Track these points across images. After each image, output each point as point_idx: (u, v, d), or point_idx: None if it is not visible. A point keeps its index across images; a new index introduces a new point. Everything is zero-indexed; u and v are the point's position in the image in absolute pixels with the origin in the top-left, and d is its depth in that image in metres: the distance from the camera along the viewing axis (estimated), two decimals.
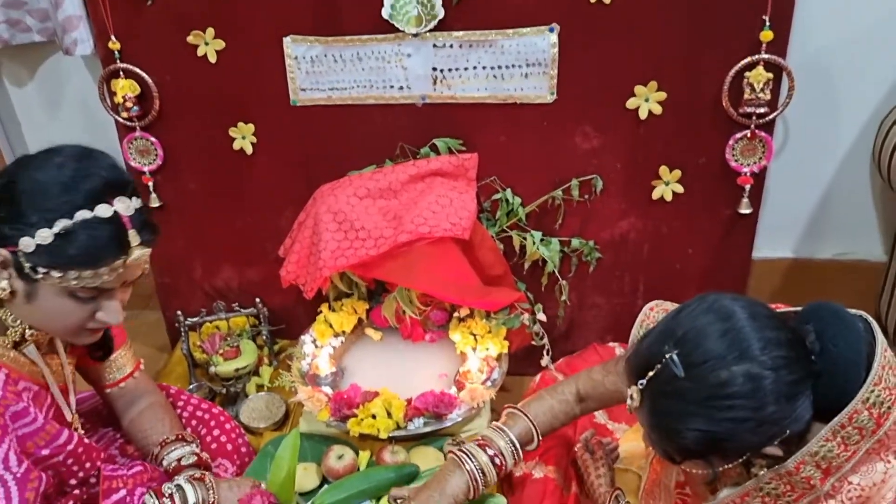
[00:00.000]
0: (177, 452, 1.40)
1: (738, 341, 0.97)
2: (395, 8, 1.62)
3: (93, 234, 1.11)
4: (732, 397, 0.96)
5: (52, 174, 1.12)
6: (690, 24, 1.58)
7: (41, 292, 1.14)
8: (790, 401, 0.97)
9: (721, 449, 1.00)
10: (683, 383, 0.98)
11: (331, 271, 1.71)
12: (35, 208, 1.10)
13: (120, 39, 1.71)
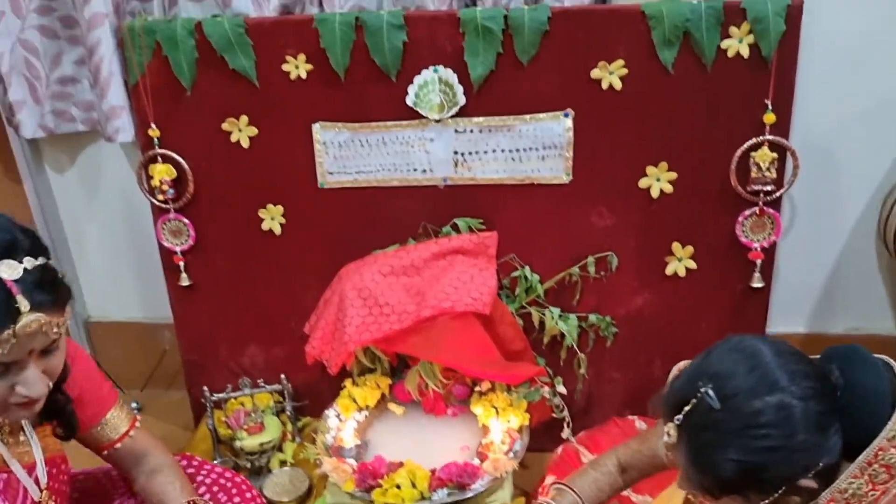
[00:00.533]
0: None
1: (767, 375, 1.02)
2: (419, 96, 1.73)
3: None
4: (766, 426, 1.00)
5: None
6: (697, 108, 1.68)
7: None
8: (821, 431, 1.01)
9: (758, 480, 1.03)
10: (719, 415, 1.03)
11: (356, 346, 1.76)
12: None
13: (159, 127, 1.82)
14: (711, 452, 1.04)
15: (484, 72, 1.69)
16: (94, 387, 1.42)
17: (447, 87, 1.72)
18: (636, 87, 1.68)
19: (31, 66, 1.88)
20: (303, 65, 1.74)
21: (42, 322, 1.07)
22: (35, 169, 2.08)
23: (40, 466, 1.30)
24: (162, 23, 1.75)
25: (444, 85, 1.72)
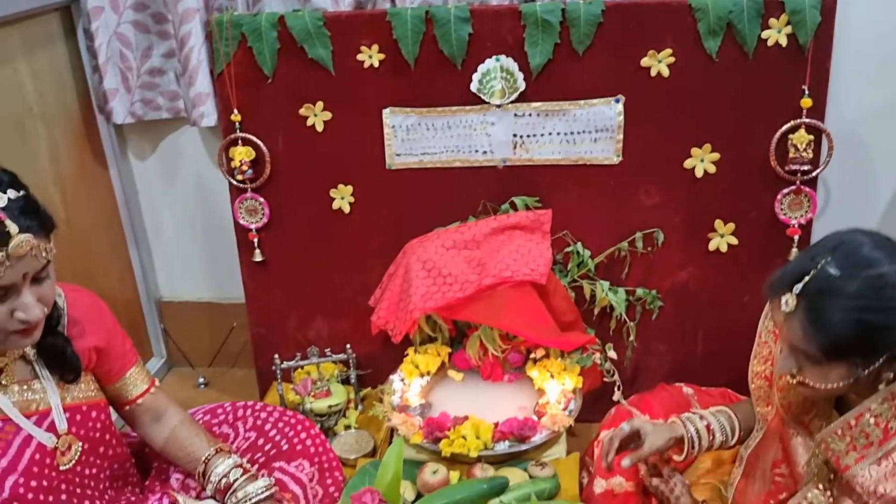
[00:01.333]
0: (221, 467, 1.54)
1: (891, 249, 1.17)
2: (482, 83, 1.89)
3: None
4: (885, 287, 1.13)
5: None
6: (739, 93, 1.82)
7: None
8: None
9: (870, 342, 1.16)
10: (839, 282, 1.15)
11: (420, 313, 1.90)
12: None
13: (241, 112, 1.99)
14: (832, 313, 1.16)
15: (542, 60, 1.85)
16: (118, 342, 1.55)
17: (508, 75, 1.88)
18: (682, 75, 1.83)
19: (124, 58, 2.06)
20: (376, 54, 1.91)
21: (31, 244, 1.19)
22: (120, 155, 2.25)
23: (57, 412, 1.40)
24: (247, 17, 1.92)
25: (505, 73, 1.88)
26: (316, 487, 1.68)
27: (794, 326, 1.21)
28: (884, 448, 1.19)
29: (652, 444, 1.51)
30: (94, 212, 2.20)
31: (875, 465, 1.19)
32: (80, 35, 2.06)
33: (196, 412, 1.79)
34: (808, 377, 1.24)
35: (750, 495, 1.47)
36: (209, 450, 1.58)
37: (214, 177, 2.20)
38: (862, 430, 1.21)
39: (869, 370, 1.19)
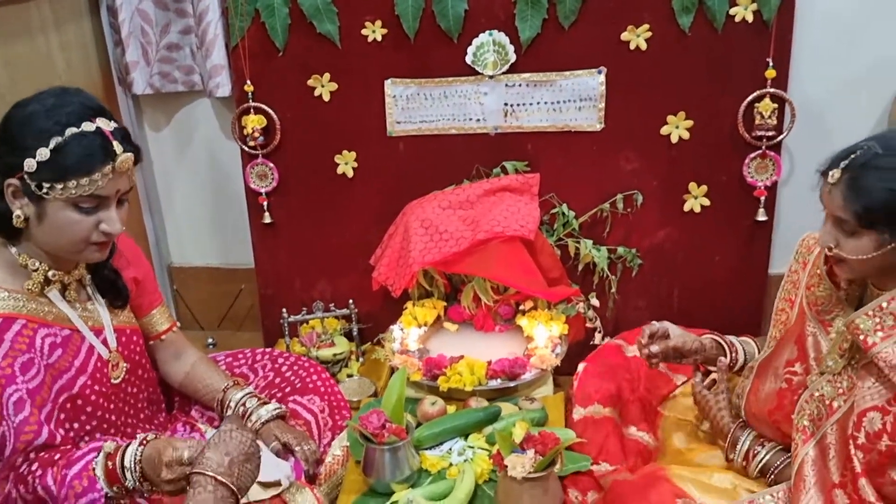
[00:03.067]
0: (238, 395, 1.70)
1: None
2: (477, 55, 2.06)
3: (82, 145, 1.31)
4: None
5: (37, 106, 1.33)
6: (710, 65, 2.00)
7: (49, 209, 1.34)
8: None
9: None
10: (880, 158, 1.29)
11: (419, 266, 2.06)
12: (28, 135, 1.31)
13: (254, 83, 2.15)
14: (867, 183, 1.30)
15: (531, 35, 2.03)
16: (150, 280, 1.73)
17: (500, 48, 2.05)
18: (659, 48, 2.01)
19: (144, 33, 2.23)
20: (379, 29, 2.08)
21: (130, 164, 1.37)
22: (137, 126, 2.41)
23: (108, 330, 1.56)
24: None
25: (497, 46, 2.05)
26: (326, 418, 1.83)
27: (836, 196, 1.34)
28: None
29: (680, 337, 1.69)
30: None
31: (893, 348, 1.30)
32: (103, 11, 2.23)
33: (217, 356, 1.94)
34: (844, 248, 1.37)
35: (762, 393, 1.59)
36: (227, 382, 1.73)
37: (224, 147, 2.36)
38: (891, 313, 1.32)
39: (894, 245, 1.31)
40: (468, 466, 1.65)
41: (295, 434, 1.66)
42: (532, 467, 1.49)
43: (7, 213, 1.35)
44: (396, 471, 1.62)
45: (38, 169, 1.30)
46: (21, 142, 1.31)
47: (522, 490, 1.51)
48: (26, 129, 1.32)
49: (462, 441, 1.77)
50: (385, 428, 1.62)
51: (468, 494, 1.59)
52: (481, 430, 1.79)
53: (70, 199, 1.33)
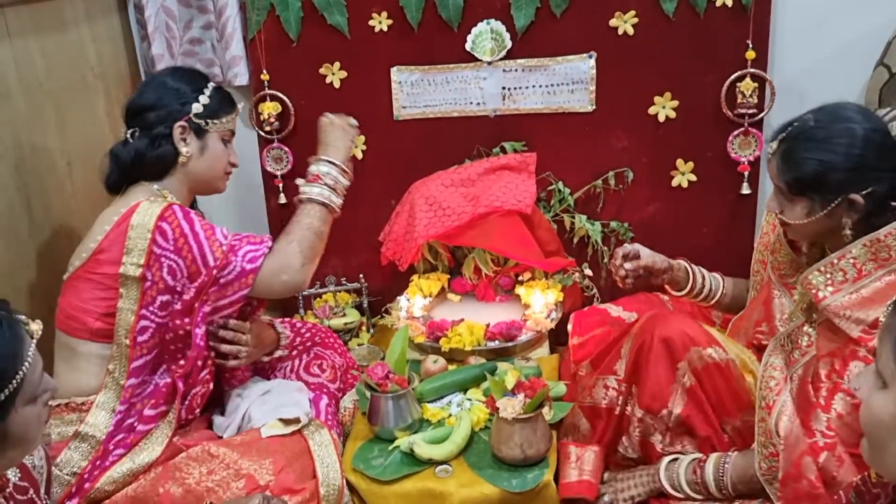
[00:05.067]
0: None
1: (872, 116, 1.47)
2: (476, 43, 2.22)
3: (221, 93, 1.82)
4: (850, 134, 1.43)
5: (178, 71, 1.85)
6: (693, 48, 2.14)
7: (209, 143, 1.78)
8: (884, 161, 1.42)
9: (823, 181, 1.44)
10: (812, 129, 1.47)
11: (424, 240, 2.21)
12: (186, 88, 1.76)
13: (269, 72, 2.32)
14: (799, 152, 1.47)
15: (526, 22, 2.17)
16: None
17: (497, 36, 2.20)
18: (645, 32, 2.15)
19: (169, 29, 2.40)
20: (384, 20, 2.24)
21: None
22: None
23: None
24: None
25: (494, 34, 2.20)
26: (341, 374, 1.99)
27: (773, 165, 1.52)
28: (856, 285, 1.43)
29: (650, 257, 1.86)
30: None
31: (847, 295, 1.43)
32: (131, 8, 2.41)
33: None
34: (786, 214, 1.53)
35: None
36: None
37: (242, 133, 2.50)
38: (840, 269, 1.45)
39: (827, 210, 1.46)
40: (465, 414, 1.79)
41: None
42: (521, 409, 1.64)
43: (170, 154, 1.74)
44: (399, 419, 1.77)
45: (203, 110, 1.75)
46: (183, 93, 1.75)
47: (513, 430, 1.65)
48: (182, 84, 1.76)
49: (461, 395, 1.92)
50: (388, 378, 1.77)
51: (465, 438, 1.74)
52: (479, 385, 1.93)
53: (221, 132, 1.80)
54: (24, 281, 1.90)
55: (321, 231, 1.77)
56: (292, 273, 1.69)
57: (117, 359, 1.64)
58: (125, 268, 1.62)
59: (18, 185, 1.90)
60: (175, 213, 1.64)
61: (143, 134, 1.75)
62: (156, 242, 1.61)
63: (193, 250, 1.63)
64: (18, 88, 1.91)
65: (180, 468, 1.60)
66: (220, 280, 1.63)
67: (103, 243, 1.64)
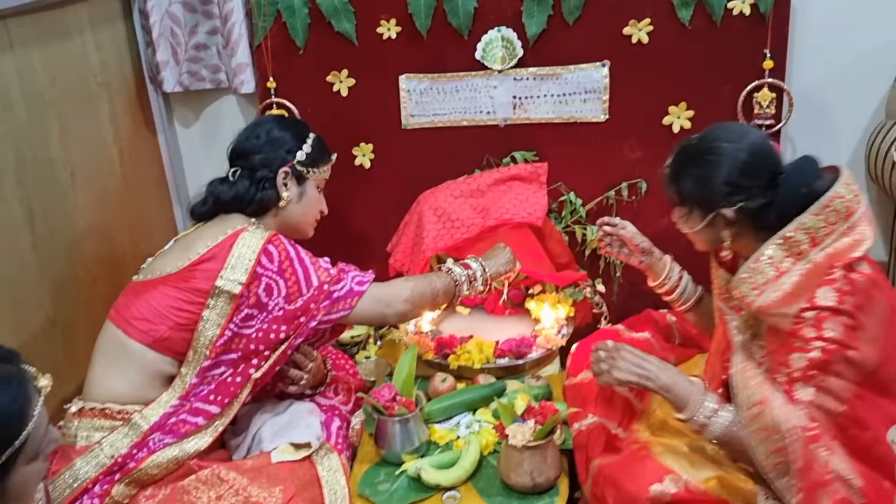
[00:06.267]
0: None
1: (745, 133, 1.56)
2: (486, 51, 2.17)
3: (321, 143, 1.88)
4: (719, 153, 1.53)
5: (284, 120, 1.93)
6: (710, 57, 2.09)
7: (308, 189, 1.85)
8: (749, 179, 1.50)
9: (697, 196, 1.56)
10: (692, 147, 1.59)
11: (432, 252, 2.16)
12: (298, 137, 1.83)
13: (276, 80, 2.28)
14: (678, 167, 1.61)
15: (537, 30, 2.12)
16: None
17: (508, 44, 2.15)
18: (660, 41, 2.10)
19: (174, 34, 2.36)
20: (393, 27, 2.19)
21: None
22: (167, 122, 2.55)
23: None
24: None
25: (505, 42, 2.15)
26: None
27: (664, 179, 1.65)
28: (778, 283, 1.48)
29: (637, 234, 1.93)
30: (144, 171, 2.49)
31: (773, 293, 1.48)
32: (136, 14, 2.36)
33: None
34: (679, 225, 1.67)
35: (713, 380, 1.73)
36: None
37: None
38: (760, 271, 1.50)
39: (706, 222, 1.57)
40: (474, 437, 1.75)
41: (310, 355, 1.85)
42: (532, 436, 1.60)
43: (271, 197, 1.79)
44: (406, 442, 1.74)
45: (306, 158, 1.82)
46: (288, 141, 1.82)
47: (523, 458, 1.61)
48: (288, 133, 1.83)
49: (470, 415, 1.88)
50: (395, 400, 1.74)
51: (473, 463, 1.70)
52: (488, 404, 1.90)
53: (318, 180, 1.87)
54: (26, 294, 1.87)
55: (437, 294, 1.85)
56: (395, 306, 1.79)
57: (192, 363, 1.67)
58: (223, 282, 1.65)
59: (21, 198, 1.86)
60: (281, 239, 1.72)
61: (246, 175, 1.81)
62: (260, 263, 1.67)
63: (298, 273, 1.70)
64: (21, 99, 1.88)
65: (189, 491, 1.58)
66: (333, 294, 1.72)
67: (205, 256, 1.68)
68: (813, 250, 1.46)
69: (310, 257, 1.75)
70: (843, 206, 1.46)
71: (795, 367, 1.45)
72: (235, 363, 1.69)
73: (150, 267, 1.76)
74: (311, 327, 1.70)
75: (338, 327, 1.82)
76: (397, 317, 1.81)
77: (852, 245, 1.46)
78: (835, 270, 1.45)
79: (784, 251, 1.48)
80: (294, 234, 1.88)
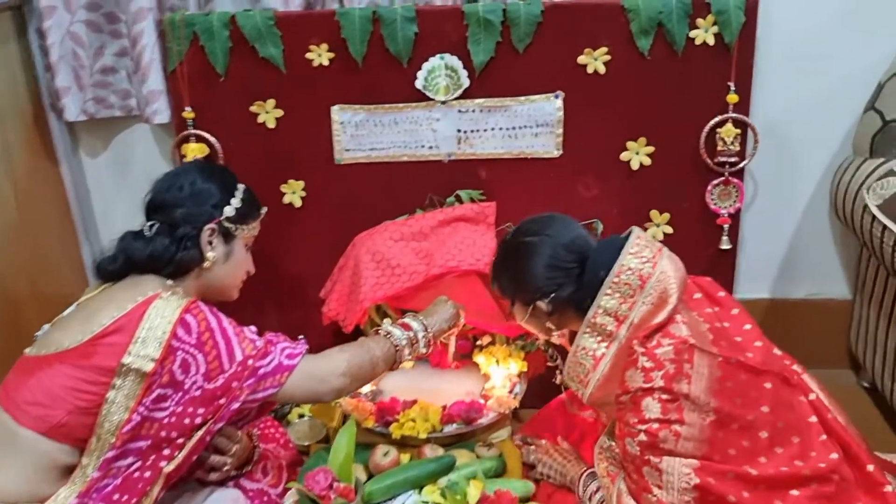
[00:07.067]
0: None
1: (549, 222, 1.59)
2: (428, 80, 1.97)
3: (251, 196, 1.69)
4: (526, 248, 1.55)
5: (209, 169, 1.67)
6: (670, 89, 1.93)
7: (235, 248, 1.65)
8: (553, 270, 1.52)
9: (515, 291, 1.57)
10: (506, 244, 1.62)
11: (370, 303, 1.96)
12: (216, 189, 1.61)
13: (194, 109, 2.03)
14: (497, 266, 1.63)
15: (485, 58, 1.93)
16: None
17: (452, 72, 1.96)
18: (617, 72, 1.93)
19: (77, 57, 2.09)
20: (325, 53, 1.97)
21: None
22: (71, 153, 2.28)
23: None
24: (199, 16, 1.97)
25: (449, 70, 1.96)
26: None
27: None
28: (597, 371, 1.46)
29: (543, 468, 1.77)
30: (45, 207, 2.21)
31: (595, 384, 1.46)
32: (31, 34, 2.09)
33: None
34: (510, 315, 1.66)
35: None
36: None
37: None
38: (580, 363, 1.49)
39: (528, 315, 1.57)
40: None
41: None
42: None
43: (194, 257, 1.58)
44: None
45: (235, 213, 1.63)
46: (214, 194, 1.61)
47: None
48: (214, 185, 1.62)
49: (416, 494, 1.68)
50: (332, 489, 1.54)
51: None
52: (436, 481, 1.70)
53: (247, 238, 1.69)
54: None
55: (377, 364, 1.64)
56: (330, 381, 1.58)
57: (95, 452, 1.42)
58: (132, 359, 1.41)
59: None
60: (201, 307, 1.51)
61: (165, 230, 1.59)
62: (176, 335, 1.45)
63: (219, 346, 1.49)
64: None
65: None
66: (260, 371, 1.51)
67: (109, 328, 1.44)
68: (620, 328, 1.44)
69: (233, 327, 1.52)
70: (635, 277, 1.44)
71: (632, 453, 1.41)
72: (144, 453, 1.44)
73: (47, 338, 1.50)
74: (233, 410, 1.48)
75: (266, 405, 1.60)
76: (333, 393, 1.59)
77: (654, 310, 1.43)
78: (634, 350, 1.41)
79: (595, 337, 1.47)
80: (216, 297, 1.67)
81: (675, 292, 1.46)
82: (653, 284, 1.44)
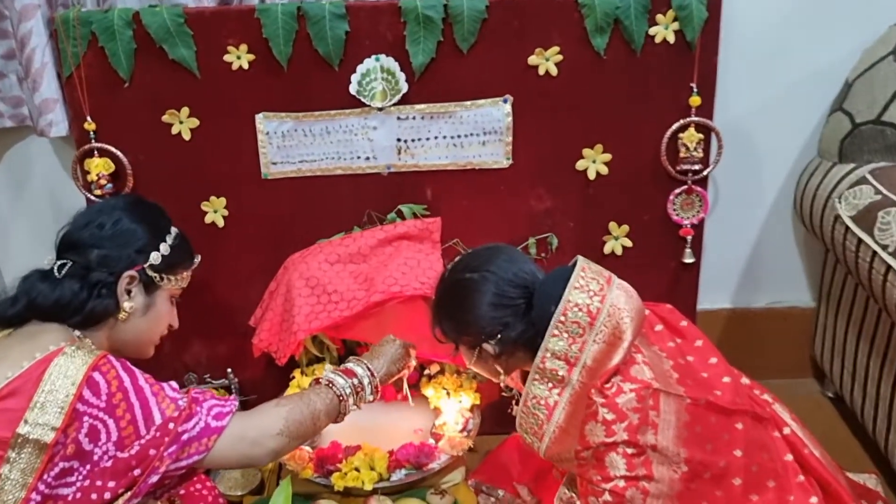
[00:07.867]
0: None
1: (490, 257, 1.44)
2: (362, 84, 1.76)
3: (184, 243, 1.50)
4: (465, 287, 1.40)
5: (140, 208, 1.45)
6: (629, 92, 1.77)
7: (158, 301, 1.44)
8: (496, 310, 1.38)
9: (458, 334, 1.44)
10: (444, 283, 1.48)
11: (305, 334, 1.77)
12: (143, 231, 1.39)
13: (95, 120, 1.79)
14: (437, 308, 1.49)
15: (425, 60, 1.74)
16: None
17: (389, 76, 1.76)
18: (571, 73, 1.76)
19: None
20: (245, 55, 1.75)
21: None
22: None
23: None
24: (97, 13, 1.73)
25: (386, 73, 1.76)
26: None
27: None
28: (551, 422, 1.34)
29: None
30: None
31: (550, 436, 1.35)
32: None
33: None
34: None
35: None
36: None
37: (69, 192, 1.98)
38: (532, 414, 1.36)
39: (475, 358, 1.44)
40: None
41: None
42: None
43: (108, 308, 1.36)
44: None
45: (161, 262, 1.41)
46: (140, 237, 1.40)
47: None
48: (141, 226, 1.41)
49: None
50: None
51: None
52: None
53: (174, 290, 1.48)
54: None
55: (318, 419, 1.45)
56: (265, 443, 1.36)
57: None
58: (29, 428, 1.19)
59: None
60: (112, 363, 1.28)
61: (76, 273, 1.36)
62: (82, 398, 1.23)
63: (134, 409, 1.27)
64: None
65: None
66: (183, 436, 1.28)
67: (2, 392, 1.21)
68: (573, 372, 1.32)
69: (150, 385, 1.30)
70: (583, 314, 1.31)
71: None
72: None
73: None
74: (151, 483, 1.27)
75: (190, 472, 1.39)
76: (270, 456, 1.38)
77: (607, 350, 1.30)
78: (593, 401, 1.27)
79: (546, 384, 1.34)
80: (130, 351, 1.44)
81: (630, 327, 1.32)
82: (603, 321, 1.31)
